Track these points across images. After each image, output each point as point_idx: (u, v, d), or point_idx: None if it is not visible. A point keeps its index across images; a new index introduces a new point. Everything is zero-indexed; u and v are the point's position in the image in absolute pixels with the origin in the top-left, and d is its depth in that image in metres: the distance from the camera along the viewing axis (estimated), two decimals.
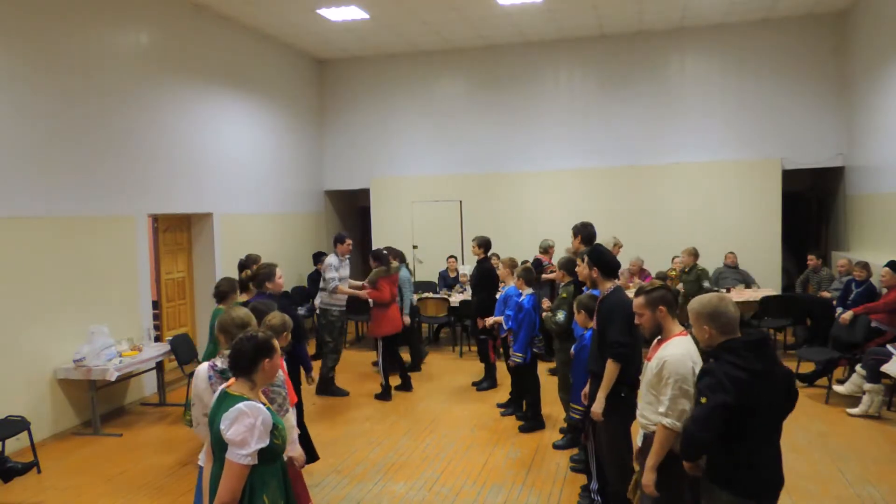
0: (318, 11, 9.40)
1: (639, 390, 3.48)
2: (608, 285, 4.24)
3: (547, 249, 9.12)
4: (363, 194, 12.88)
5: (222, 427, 2.62)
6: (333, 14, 9.52)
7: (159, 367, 7.63)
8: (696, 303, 2.96)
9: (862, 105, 9.65)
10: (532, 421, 6.37)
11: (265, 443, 2.65)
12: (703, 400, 2.68)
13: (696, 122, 10.94)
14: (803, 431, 6.00)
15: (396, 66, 12.07)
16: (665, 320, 3.29)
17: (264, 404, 2.79)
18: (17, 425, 5.59)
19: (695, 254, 9.04)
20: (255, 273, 5.39)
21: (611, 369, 3.98)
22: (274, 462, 2.78)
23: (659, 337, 3.35)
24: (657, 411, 3.16)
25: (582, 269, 4.60)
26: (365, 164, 12.38)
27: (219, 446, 2.69)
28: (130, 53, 7.72)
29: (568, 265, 5.73)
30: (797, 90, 10.56)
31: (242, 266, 8.00)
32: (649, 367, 3.29)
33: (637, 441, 3.45)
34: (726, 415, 2.65)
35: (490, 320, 6.95)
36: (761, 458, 2.74)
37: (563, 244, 8.23)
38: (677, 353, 3.15)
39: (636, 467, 3.47)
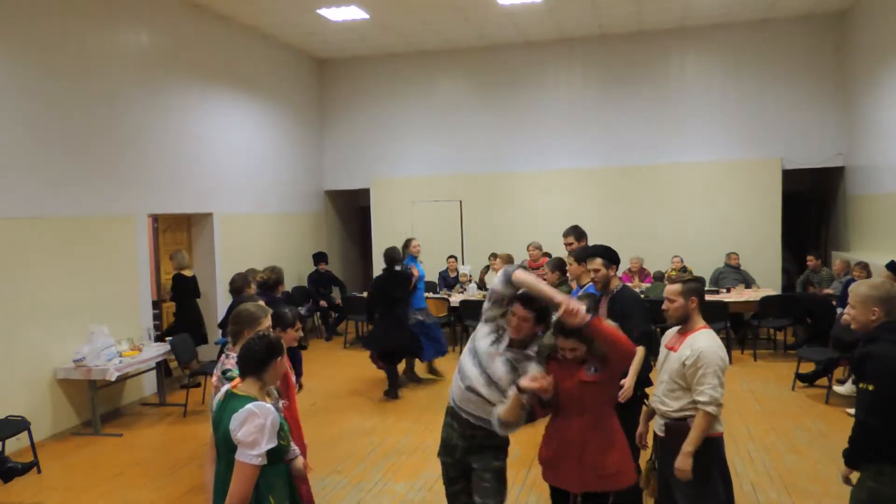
0: (318, 11, 9.39)
1: (656, 380, 3.56)
2: (616, 282, 4.36)
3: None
4: (363, 194, 12.87)
5: (232, 428, 2.62)
6: (333, 14, 9.52)
7: (163, 366, 7.64)
8: (864, 286, 2.97)
9: (862, 105, 9.64)
10: None
11: (274, 443, 2.67)
12: (871, 387, 2.66)
13: (696, 121, 10.93)
14: (803, 431, 5.98)
15: (396, 66, 12.06)
16: (694, 312, 3.42)
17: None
18: (17, 425, 5.59)
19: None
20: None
21: (639, 356, 4.04)
22: (279, 462, 2.79)
23: (680, 328, 3.45)
24: (690, 399, 3.25)
25: (574, 268, 4.67)
26: (365, 164, 12.37)
27: (225, 446, 2.69)
28: (130, 53, 7.72)
29: (560, 265, 5.70)
30: (797, 90, 10.55)
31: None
32: (673, 357, 3.36)
33: (655, 429, 3.50)
34: None
35: None
36: None
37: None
38: (710, 345, 3.28)
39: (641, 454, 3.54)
